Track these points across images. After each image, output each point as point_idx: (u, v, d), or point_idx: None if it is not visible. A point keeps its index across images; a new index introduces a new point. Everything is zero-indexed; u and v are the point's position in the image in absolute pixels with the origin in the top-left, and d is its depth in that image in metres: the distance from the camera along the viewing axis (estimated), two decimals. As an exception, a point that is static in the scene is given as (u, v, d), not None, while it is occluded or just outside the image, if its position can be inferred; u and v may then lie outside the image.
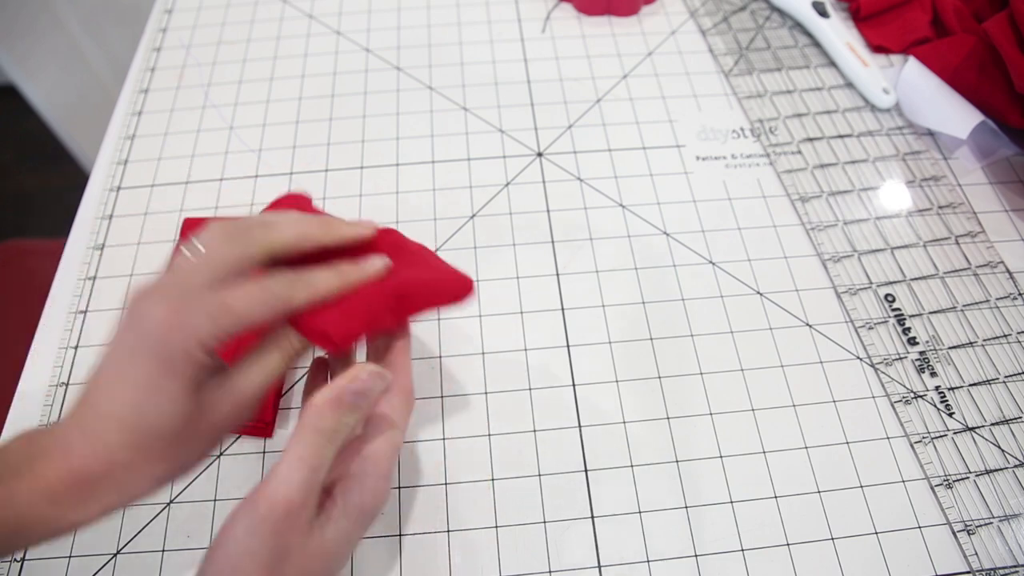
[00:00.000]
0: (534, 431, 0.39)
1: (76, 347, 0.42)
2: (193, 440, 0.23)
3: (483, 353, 0.41)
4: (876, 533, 0.36)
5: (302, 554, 0.22)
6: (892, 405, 0.39)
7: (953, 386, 0.40)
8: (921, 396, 0.40)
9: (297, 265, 0.26)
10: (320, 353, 0.34)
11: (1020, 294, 0.43)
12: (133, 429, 0.21)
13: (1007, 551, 0.35)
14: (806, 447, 0.38)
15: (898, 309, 0.43)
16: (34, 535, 0.21)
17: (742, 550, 0.35)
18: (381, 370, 0.25)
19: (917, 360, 0.41)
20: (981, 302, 0.43)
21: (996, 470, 0.37)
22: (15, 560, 0.35)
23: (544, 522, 0.36)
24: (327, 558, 0.23)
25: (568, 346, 0.42)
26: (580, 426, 0.39)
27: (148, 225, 0.47)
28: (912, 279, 0.44)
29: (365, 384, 0.24)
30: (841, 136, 0.51)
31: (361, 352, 0.33)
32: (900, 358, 0.41)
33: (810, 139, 0.50)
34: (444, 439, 0.39)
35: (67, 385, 0.40)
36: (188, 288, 0.22)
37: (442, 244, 0.46)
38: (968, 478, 0.37)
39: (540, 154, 0.50)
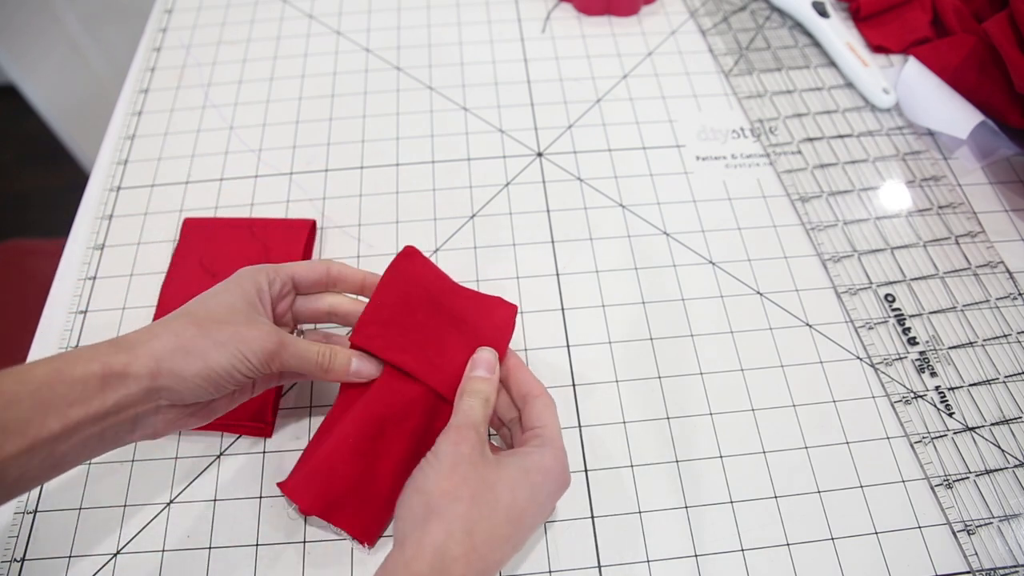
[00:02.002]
0: (534, 431, 0.39)
1: (76, 347, 0.42)
2: (226, 328, 0.30)
3: (483, 353, 0.41)
4: (876, 533, 0.36)
5: (479, 474, 0.28)
6: (892, 405, 0.39)
7: (953, 386, 0.40)
8: (921, 396, 0.40)
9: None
10: None
11: (1020, 294, 0.43)
12: (197, 307, 0.31)
13: (1007, 551, 0.35)
14: (806, 447, 0.38)
15: (898, 309, 0.43)
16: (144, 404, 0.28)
17: (742, 550, 0.35)
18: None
19: (917, 360, 0.41)
20: (981, 302, 0.43)
21: (996, 470, 0.37)
22: (15, 560, 0.35)
23: (544, 522, 0.36)
24: (498, 490, 0.28)
25: (568, 346, 0.42)
26: (580, 426, 0.39)
27: (148, 225, 0.47)
28: (912, 279, 0.44)
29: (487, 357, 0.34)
30: (841, 136, 0.51)
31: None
32: (900, 358, 0.41)
33: (810, 139, 0.50)
34: (444, 439, 0.39)
35: (67, 385, 0.40)
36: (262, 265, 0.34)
37: (442, 244, 0.46)
38: (968, 478, 0.37)
39: (540, 154, 0.50)
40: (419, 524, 0.27)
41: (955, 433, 0.38)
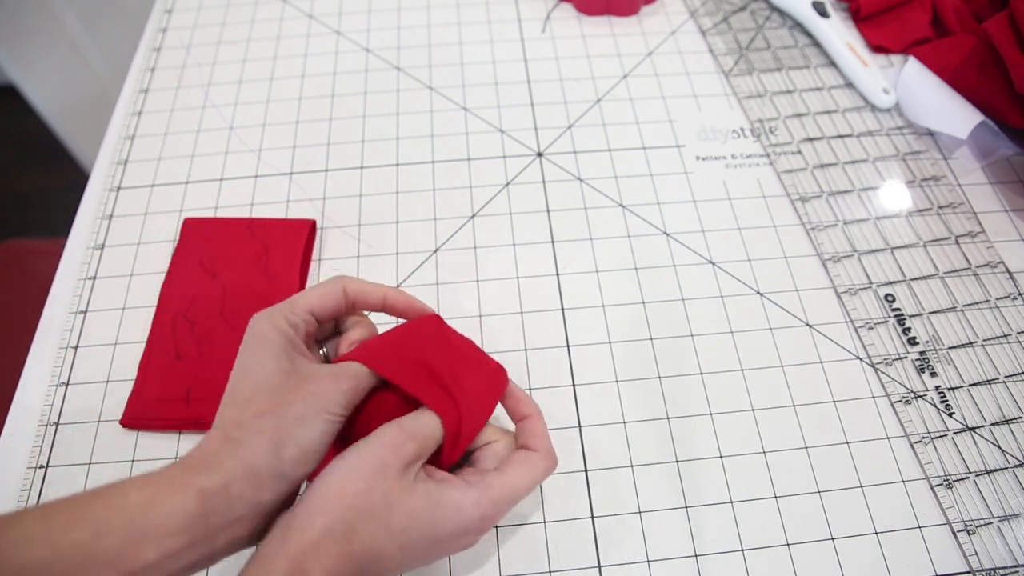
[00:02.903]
0: (534, 431, 0.39)
1: (76, 347, 0.42)
2: (296, 397, 0.27)
3: (483, 353, 0.41)
4: (876, 533, 0.36)
5: (385, 488, 0.26)
6: (892, 405, 0.39)
7: (953, 386, 0.40)
8: (921, 396, 0.40)
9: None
10: None
11: (1020, 294, 0.43)
12: (249, 386, 0.27)
13: (1007, 551, 0.35)
14: (806, 447, 0.38)
15: (898, 309, 0.43)
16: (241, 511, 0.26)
17: (742, 550, 0.35)
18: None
19: (917, 360, 0.41)
20: (981, 302, 0.43)
21: (996, 470, 0.37)
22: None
23: (544, 522, 0.36)
24: (395, 514, 0.26)
25: (568, 346, 0.42)
26: (580, 426, 0.39)
27: (148, 225, 0.47)
28: (912, 279, 0.44)
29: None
30: (841, 136, 0.51)
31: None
32: (900, 358, 0.41)
33: (810, 139, 0.50)
34: (444, 439, 0.39)
35: (67, 385, 0.40)
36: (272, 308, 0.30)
37: (442, 244, 0.46)
38: (968, 478, 0.37)
39: (540, 154, 0.50)
40: (308, 509, 0.25)
41: (955, 433, 0.38)
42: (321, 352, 0.33)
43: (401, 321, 0.34)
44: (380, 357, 0.30)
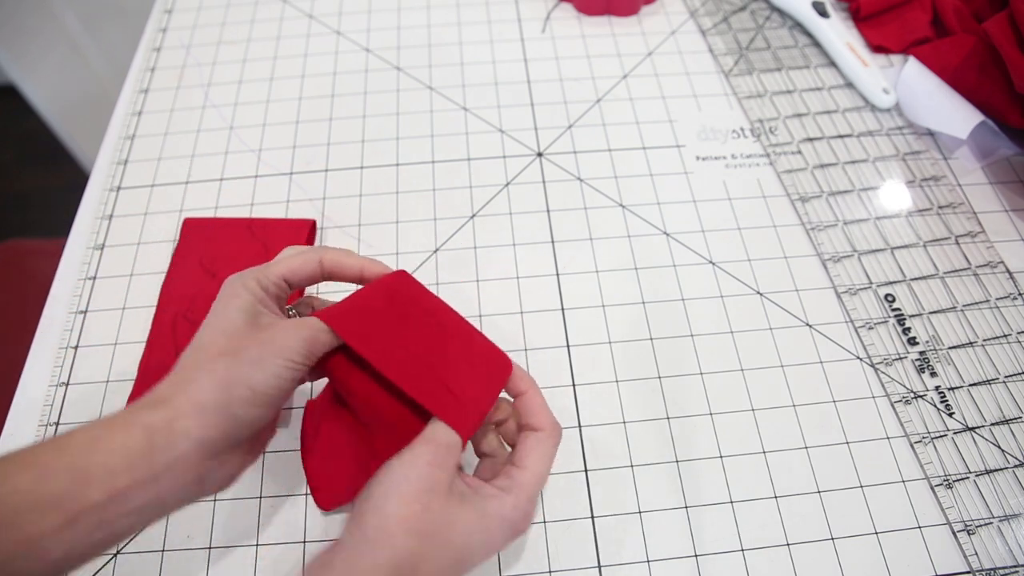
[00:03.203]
0: (534, 431, 0.39)
1: (76, 347, 0.42)
2: (253, 342, 0.28)
3: (483, 353, 0.41)
4: (876, 533, 0.36)
5: (442, 507, 0.26)
6: (892, 405, 0.39)
7: (953, 386, 0.40)
8: (921, 396, 0.40)
9: None
10: None
11: (1020, 294, 0.43)
12: (209, 333, 0.28)
13: (1007, 551, 0.35)
14: (806, 447, 0.38)
15: (898, 309, 0.43)
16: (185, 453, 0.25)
17: (742, 550, 0.35)
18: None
19: (917, 360, 0.41)
20: (981, 302, 0.43)
21: (996, 470, 0.37)
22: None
23: (544, 522, 0.36)
24: (453, 531, 0.26)
25: (568, 346, 0.42)
26: (580, 426, 0.39)
27: (148, 225, 0.47)
28: (912, 279, 0.44)
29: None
30: (841, 136, 0.51)
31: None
32: (900, 358, 0.41)
33: (810, 139, 0.50)
34: (444, 439, 0.39)
35: (67, 385, 0.40)
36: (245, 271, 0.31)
37: (442, 244, 0.46)
38: (968, 478, 0.37)
39: (540, 154, 0.50)
40: (369, 543, 0.25)
41: (955, 433, 0.38)
42: (291, 313, 0.34)
43: None
44: (349, 324, 0.29)
